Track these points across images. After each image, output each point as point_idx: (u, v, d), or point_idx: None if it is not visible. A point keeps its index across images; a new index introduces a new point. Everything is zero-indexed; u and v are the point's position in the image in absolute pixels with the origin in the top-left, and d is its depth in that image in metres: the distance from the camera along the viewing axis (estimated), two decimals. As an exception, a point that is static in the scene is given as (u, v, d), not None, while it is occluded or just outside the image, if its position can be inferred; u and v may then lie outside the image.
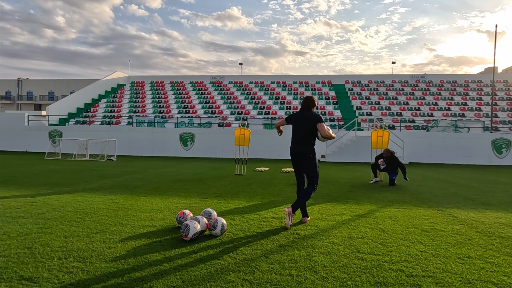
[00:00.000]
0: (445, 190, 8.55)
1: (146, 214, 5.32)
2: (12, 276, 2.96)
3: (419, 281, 3.00)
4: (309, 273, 3.12)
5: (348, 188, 8.72)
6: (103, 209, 5.67)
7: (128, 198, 6.72)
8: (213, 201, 6.59)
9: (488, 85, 28.71)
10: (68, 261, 3.30)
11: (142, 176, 10.52)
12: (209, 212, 4.77)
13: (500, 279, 3.07)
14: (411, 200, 7.06)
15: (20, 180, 9.14)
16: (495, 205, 6.64)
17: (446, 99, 26.97)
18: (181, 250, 3.67)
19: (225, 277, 3.01)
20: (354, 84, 30.62)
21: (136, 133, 22.35)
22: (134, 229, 4.46)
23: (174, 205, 6.07)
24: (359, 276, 3.07)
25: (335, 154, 19.55)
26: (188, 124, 23.96)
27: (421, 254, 3.70)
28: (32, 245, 3.75)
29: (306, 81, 31.78)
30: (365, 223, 5.02)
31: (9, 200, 6.23)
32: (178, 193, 7.44)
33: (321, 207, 6.12)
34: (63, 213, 5.29)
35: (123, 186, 8.27)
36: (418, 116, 24.62)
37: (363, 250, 3.79)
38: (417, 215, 5.62)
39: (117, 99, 30.22)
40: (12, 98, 59.24)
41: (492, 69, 25.75)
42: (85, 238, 4.03)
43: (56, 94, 57.84)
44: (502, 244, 4.10)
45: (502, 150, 19.54)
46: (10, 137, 23.50)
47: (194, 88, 31.86)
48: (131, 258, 3.42)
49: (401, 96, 27.97)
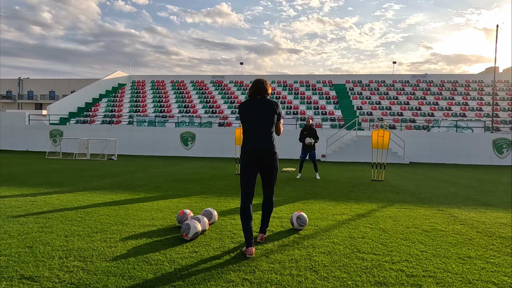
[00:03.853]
0: (446, 190, 8.55)
1: (146, 214, 5.32)
2: (12, 275, 2.97)
3: (419, 281, 2.99)
4: (309, 273, 3.12)
5: (348, 188, 8.72)
6: (104, 208, 5.68)
7: (129, 197, 6.73)
8: (214, 200, 6.59)
9: (489, 85, 28.69)
10: (68, 260, 3.31)
11: (142, 175, 10.53)
12: (210, 212, 4.78)
13: (500, 279, 3.07)
14: (412, 200, 7.06)
15: (20, 179, 9.15)
16: (496, 205, 6.63)
17: (447, 99, 26.95)
18: (181, 250, 3.67)
19: (226, 276, 3.01)
20: (354, 84, 30.61)
21: (137, 133, 22.36)
22: (135, 229, 4.47)
23: (175, 205, 6.07)
24: (359, 276, 3.07)
25: (335, 153, 19.55)
26: (189, 123, 23.97)
27: (422, 254, 3.70)
28: (33, 244, 3.76)
29: (306, 81, 31.78)
30: (366, 223, 5.02)
31: (10, 199, 6.24)
32: (178, 192, 7.44)
33: (322, 207, 6.12)
34: (64, 213, 5.30)
35: (124, 186, 8.27)
36: (419, 116, 24.60)
37: (363, 250, 3.79)
38: (418, 215, 5.62)
39: (118, 99, 30.24)
40: (13, 97, 59.31)
41: (493, 69, 25.71)
42: (85, 237, 4.04)
43: (57, 93, 57.91)
44: (503, 244, 4.09)
45: (503, 150, 19.52)
46: (11, 136, 23.53)
47: (195, 88, 31.88)
48: (132, 257, 3.42)
49: (402, 96, 27.96)
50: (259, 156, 3.67)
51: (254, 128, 3.70)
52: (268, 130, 3.71)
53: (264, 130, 3.70)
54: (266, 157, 3.69)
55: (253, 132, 3.70)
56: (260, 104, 3.74)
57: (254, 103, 3.77)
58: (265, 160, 3.71)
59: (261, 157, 3.68)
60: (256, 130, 3.70)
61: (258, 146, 3.67)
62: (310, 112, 25.72)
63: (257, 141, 3.68)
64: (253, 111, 3.73)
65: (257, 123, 3.70)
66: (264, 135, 3.69)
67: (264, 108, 3.72)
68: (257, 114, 3.72)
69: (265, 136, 3.69)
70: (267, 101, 3.77)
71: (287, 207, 6.03)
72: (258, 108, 3.73)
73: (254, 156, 3.67)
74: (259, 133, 3.69)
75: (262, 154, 3.68)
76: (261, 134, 3.69)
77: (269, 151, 3.69)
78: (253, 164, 3.71)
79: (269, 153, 3.69)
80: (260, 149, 3.67)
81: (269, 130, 3.71)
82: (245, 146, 3.73)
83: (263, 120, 3.70)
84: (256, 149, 3.67)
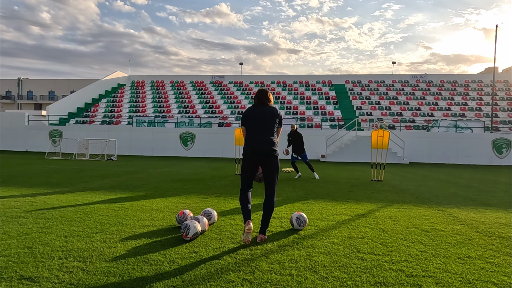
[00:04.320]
0: (445, 190, 8.55)
1: (146, 214, 5.32)
2: (12, 275, 2.96)
3: (419, 281, 3.00)
4: (309, 273, 3.12)
5: (348, 188, 8.72)
6: (103, 208, 5.67)
7: (128, 197, 6.72)
8: (213, 200, 6.59)
9: (488, 85, 28.72)
10: (68, 261, 3.30)
11: (142, 176, 10.53)
12: (209, 212, 4.78)
13: (500, 279, 3.07)
14: (411, 200, 7.06)
15: (20, 179, 9.14)
16: (495, 205, 6.64)
17: (447, 99, 26.97)
18: (181, 250, 3.67)
19: (225, 277, 3.01)
20: (354, 84, 30.63)
21: (137, 133, 22.36)
22: (134, 229, 4.46)
23: (174, 205, 6.07)
24: (359, 276, 3.07)
25: (335, 154, 19.56)
26: (188, 124, 23.97)
27: (421, 254, 3.70)
28: (32, 245, 3.76)
29: (306, 81, 31.79)
30: (365, 223, 5.02)
31: (9, 200, 6.24)
32: (178, 192, 7.44)
33: (321, 207, 6.13)
34: (63, 213, 5.29)
35: (123, 186, 8.27)
36: (419, 116, 24.62)
37: (363, 250, 3.79)
38: (417, 215, 5.62)
39: (118, 99, 30.24)
40: (13, 98, 59.28)
41: (492, 69, 25.73)
42: (85, 238, 4.04)
43: (56, 93, 57.90)
44: (502, 244, 4.10)
45: (503, 150, 19.53)
46: (11, 136, 23.52)
47: (194, 88, 31.88)
48: (131, 257, 3.42)
49: (402, 96, 27.98)
50: (259, 155, 3.99)
51: (256, 131, 4.05)
52: (270, 133, 4.06)
53: (266, 133, 4.04)
54: (266, 155, 3.99)
55: (256, 134, 4.05)
56: (264, 110, 4.15)
57: (258, 109, 4.18)
58: (265, 159, 4.00)
59: (262, 156, 3.99)
60: (258, 133, 4.04)
61: (259, 145, 4.00)
62: (310, 112, 25.73)
63: (258, 141, 4.01)
64: (257, 115, 4.12)
65: (260, 126, 4.06)
66: (265, 137, 4.03)
67: (267, 114, 4.12)
68: (260, 118, 4.09)
69: (266, 138, 4.03)
70: (270, 108, 4.19)
71: (286, 207, 6.03)
72: (262, 113, 4.12)
73: (254, 155, 4.00)
74: (260, 135, 4.03)
75: (263, 153, 3.98)
76: (262, 136, 4.03)
77: (269, 150, 3.99)
78: (253, 163, 4.05)
79: (269, 152, 3.99)
80: (261, 148, 3.99)
81: (270, 133, 4.06)
82: (247, 147, 4.07)
83: (265, 124, 4.07)
84: (257, 148, 3.99)
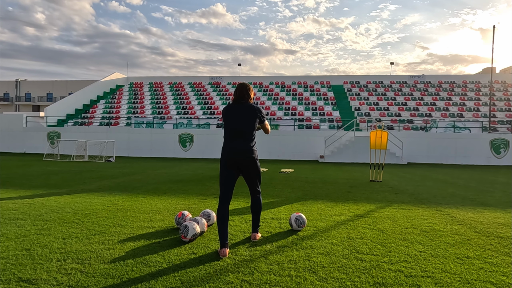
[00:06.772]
0: (444, 190, 8.57)
1: (145, 215, 5.31)
2: (10, 278, 2.95)
3: (418, 281, 3.00)
4: (308, 274, 3.12)
5: (347, 188, 8.73)
6: (102, 210, 5.66)
7: (127, 199, 6.71)
8: (212, 202, 6.58)
9: (486, 85, 28.80)
10: (66, 263, 3.29)
11: (140, 177, 10.51)
12: (208, 213, 4.77)
13: (498, 279, 3.08)
14: (410, 200, 7.07)
15: (18, 181, 9.11)
16: (494, 205, 6.65)
17: (445, 99, 27.03)
18: (180, 251, 3.67)
19: (224, 278, 3.00)
20: (352, 85, 30.67)
21: (135, 134, 22.33)
22: (133, 230, 4.45)
23: (173, 206, 6.06)
24: (358, 277, 3.07)
25: (334, 154, 19.57)
26: (187, 125, 23.95)
27: (420, 254, 3.70)
28: (31, 247, 3.74)
29: (304, 82, 31.81)
30: (364, 223, 5.03)
31: (7, 202, 6.22)
32: (177, 194, 7.43)
33: (320, 208, 6.13)
34: (62, 215, 5.28)
35: (122, 187, 8.26)
36: (417, 117, 24.66)
37: (362, 250, 3.79)
38: (416, 215, 5.63)
39: (116, 100, 30.19)
40: (10, 99, 59.10)
41: (490, 69, 25.80)
42: (83, 240, 4.02)
43: (54, 95, 57.75)
44: (501, 244, 4.10)
45: (501, 150, 19.58)
46: (8, 138, 23.45)
47: (193, 89, 31.86)
48: (130, 259, 3.41)
49: (400, 96, 28.03)
50: (236, 158, 3.71)
51: (234, 132, 3.75)
52: (248, 134, 3.75)
53: (244, 134, 3.74)
54: (243, 159, 3.73)
55: (233, 135, 3.75)
56: (242, 109, 3.81)
57: (236, 108, 3.83)
58: (242, 162, 3.74)
59: (238, 159, 3.72)
60: (236, 134, 3.74)
61: (235, 148, 3.72)
62: (308, 113, 25.75)
63: (235, 144, 3.73)
64: (235, 116, 3.79)
65: (238, 127, 3.75)
66: (242, 139, 3.74)
67: (245, 113, 3.79)
68: (238, 118, 3.77)
69: (244, 140, 3.74)
70: (249, 106, 3.84)
71: (285, 208, 6.02)
72: (240, 113, 3.79)
73: (231, 158, 3.71)
74: (238, 136, 3.74)
75: (239, 156, 3.72)
76: (239, 138, 3.74)
77: (246, 153, 3.73)
78: (231, 167, 3.74)
79: (246, 155, 3.72)
80: (238, 152, 3.71)
81: (248, 134, 3.76)
82: (224, 149, 3.78)
83: (244, 124, 3.75)
84: (234, 152, 3.71)
